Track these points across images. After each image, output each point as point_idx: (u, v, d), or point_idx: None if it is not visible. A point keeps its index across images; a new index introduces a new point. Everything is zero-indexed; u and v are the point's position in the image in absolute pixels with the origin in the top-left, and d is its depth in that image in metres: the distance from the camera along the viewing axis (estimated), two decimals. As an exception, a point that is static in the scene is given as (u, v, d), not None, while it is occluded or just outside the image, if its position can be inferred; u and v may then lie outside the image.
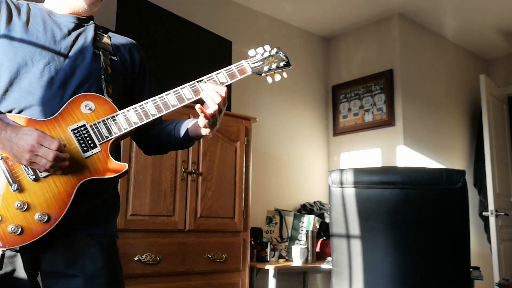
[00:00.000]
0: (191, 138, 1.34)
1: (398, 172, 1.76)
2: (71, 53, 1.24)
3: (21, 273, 1.14)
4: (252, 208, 3.17)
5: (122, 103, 1.29)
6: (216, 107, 1.21)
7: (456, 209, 1.68)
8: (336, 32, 4.38)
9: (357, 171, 1.76)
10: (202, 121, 1.24)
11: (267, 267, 3.05)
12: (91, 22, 1.34)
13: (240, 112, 3.18)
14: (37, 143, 1.06)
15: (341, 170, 1.80)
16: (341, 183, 1.77)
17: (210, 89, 1.22)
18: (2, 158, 1.10)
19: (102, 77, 1.25)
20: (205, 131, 1.27)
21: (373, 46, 4.12)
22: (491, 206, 3.81)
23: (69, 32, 1.27)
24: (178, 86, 1.28)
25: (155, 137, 1.40)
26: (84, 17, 1.32)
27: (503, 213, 3.83)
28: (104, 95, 1.22)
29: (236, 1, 3.81)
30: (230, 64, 3.45)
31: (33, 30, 1.22)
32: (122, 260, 1.30)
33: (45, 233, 1.09)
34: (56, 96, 1.18)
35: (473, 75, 4.61)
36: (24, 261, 1.14)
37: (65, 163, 1.10)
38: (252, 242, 3.18)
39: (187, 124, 1.34)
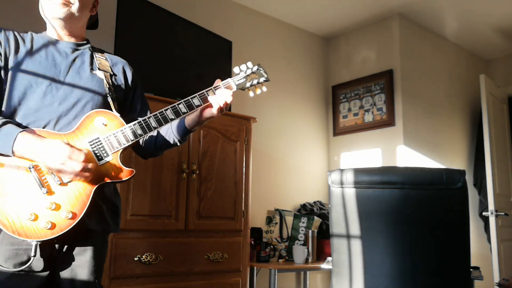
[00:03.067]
0: (188, 130, 1.55)
1: (398, 172, 1.76)
2: (69, 74, 1.46)
3: (39, 261, 1.36)
4: (252, 208, 3.17)
5: (119, 113, 1.50)
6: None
7: (456, 209, 1.68)
8: (336, 32, 4.38)
9: (357, 171, 1.76)
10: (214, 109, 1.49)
11: (267, 267, 3.05)
12: (87, 45, 1.57)
13: (240, 112, 3.18)
14: (67, 157, 1.30)
15: (341, 170, 1.79)
16: (341, 183, 1.77)
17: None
18: (32, 167, 1.32)
19: (109, 94, 1.49)
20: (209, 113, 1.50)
21: (373, 46, 4.12)
22: (491, 206, 3.81)
23: (67, 56, 1.49)
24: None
25: (149, 139, 1.59)
26: (82, 42, 1.55)
27: (503, 213, 3.83)
28: (112, 111, 1.46)
29: (236, 1, 3.81)
30: (230, 64, 3.44)
31: (36, 56, 1.44)
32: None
33: (70, 227, 1.33)
34: (57, 112, 1.40)
35: (473, 75, 4.61)
36: (44, 251, 1.35)
37: (87, 174, 1.34)
38: (252, 242, 3.18)
39: (182, 121, 1.54)
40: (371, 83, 4.04)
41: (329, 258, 1.90)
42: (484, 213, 4.03)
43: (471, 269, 1.73)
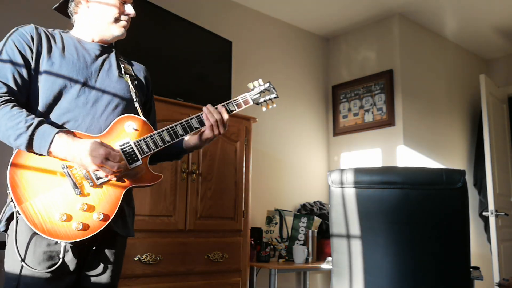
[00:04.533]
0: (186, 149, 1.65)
1: (398, 172, 1.76)
2: (99, 76, 1.48)
3: (73, 262, 1.37)
4: (252, 208, 3.17)
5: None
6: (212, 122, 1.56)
7: (456, 209, 1.68)
8: (336, 32, 4.38)
9: (357, 171, 1.76)
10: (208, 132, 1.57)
11: (267, 267, 3.05)
12: (112, 49, 1.59)
13: (240, 112, 3.18)
14: (105, 158, 1.31)
15: (341, 170, 1.79)
16: (341, 183, 1.77)
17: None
18: (66, 167, 1.33)
19: (136, 99, 1.53)
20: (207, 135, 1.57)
21: (373, 46, 4.12)
22: (491, 206, 3.81)
23: (96, 58, 1.51)
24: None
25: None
26: (107, 45, 1.56)
27: (503, 213, 3.83)
28: (140, 116, 1.49)
29: (236, 1, 3.81)
30: (230, 64, 3.42)
31: (69, 56, 1.44)
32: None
33: (101, 228, 1.34)
34: (90, 114, 1.42)
35: (473, 75, 4.61)
36: (75, 252, 1.37)
37: (120, 175, 1.36)
38: (252, 242, 3.18)
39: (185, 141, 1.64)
40: (371, 83, 4.04)
41: (329, 258, 1.90)
42: (484, 213, 4.03)
43: (471, 269, 1.73)
